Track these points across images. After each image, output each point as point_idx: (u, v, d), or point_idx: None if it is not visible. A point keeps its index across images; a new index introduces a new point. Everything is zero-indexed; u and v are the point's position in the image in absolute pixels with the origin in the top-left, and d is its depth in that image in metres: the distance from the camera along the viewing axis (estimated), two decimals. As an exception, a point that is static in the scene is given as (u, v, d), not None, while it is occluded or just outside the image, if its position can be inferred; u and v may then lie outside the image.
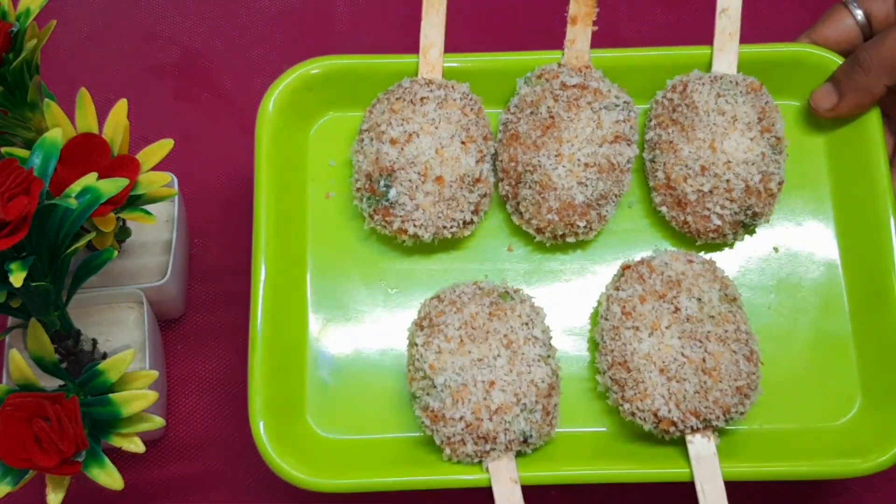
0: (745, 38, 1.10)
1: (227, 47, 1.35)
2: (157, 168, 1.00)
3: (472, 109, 1.07)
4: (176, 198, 1.13)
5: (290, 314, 1.06)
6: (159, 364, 1.11)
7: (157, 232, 1.14)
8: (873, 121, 1.09)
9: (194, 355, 1.19)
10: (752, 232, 1.10)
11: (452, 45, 1.10)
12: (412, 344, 1.02)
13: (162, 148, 1.00)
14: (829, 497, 1.14)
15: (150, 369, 0.99)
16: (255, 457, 1.00)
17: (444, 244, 1.09)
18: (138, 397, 0.93)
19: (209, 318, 1.20)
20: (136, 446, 0.94)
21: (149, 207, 1.00)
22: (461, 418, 0.97)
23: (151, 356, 1.07)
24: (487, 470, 0.98)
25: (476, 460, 0.99)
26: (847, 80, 1.07)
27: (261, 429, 0.98)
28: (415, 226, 1.04)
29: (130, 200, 0.98)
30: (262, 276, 1.03)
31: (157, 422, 0.95)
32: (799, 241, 1.11)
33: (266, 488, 1.14)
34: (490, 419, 0.97)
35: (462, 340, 0.99)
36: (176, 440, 1.16)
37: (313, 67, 1.09)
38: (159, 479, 1.14)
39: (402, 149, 1.04)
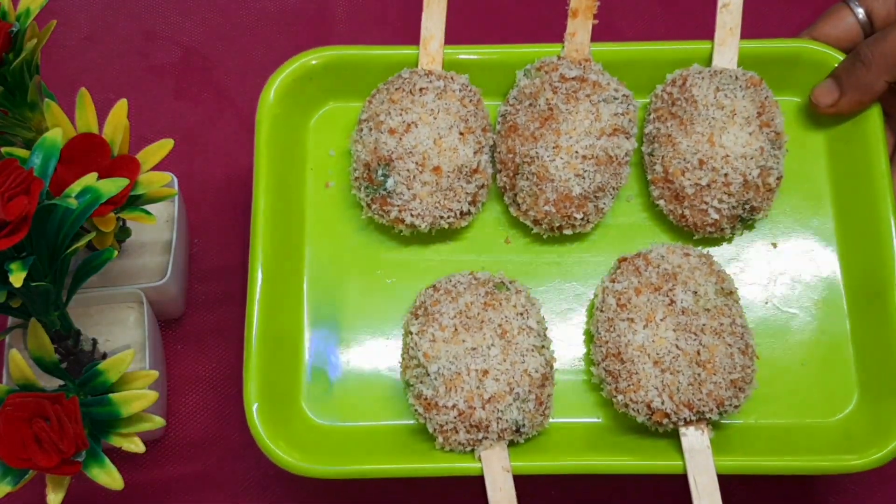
0: (746, 33, 1.10)
1: (228, 47, 1.35)
2: (157, 168, 1.00)
3: (471, 101, 1.08)
4: (176, 198, 1.13)
5: (287, 302, 1.06)
6: (159, 364, 1.11)
7: (157, 232, 1.15)
8: (874, 118, 1.09)
9: (194, 355, 1.19)
10: (750, 227, 1.10)
11: (453, 37, 1.10)
12: (407, 332, 1.03)
13: (162, 148, 1.00)
14: (825, 496, 1.13)
15: (150, 369, 0.99)
16: (254, 457, 1.00)
17: (442, 235, 1.10)
18: (138, 397, 0.93)
19: (209, 318, 1.20)
20: (136, 446, 0.93)
21: (149, 207, 1.00)
22: (454, 406, 0.97)
23: (151, 356, 1.07)
24: (479, 459, 0.98)
25: (468, 449, 0.99)
26: (848, 76, 1.07)
27: (254, 412, 0.99)
28: (412, 215, 1.04)
29: (130, 200, 0.98)
30: (260, 264, 1.03)
31: (157, 422, 0.95)
32: (798, 238, 1.10)
33: (266, 489, 1.13)
34: (483, 408, 0.97)
35: (456, 329, 0.99)
36: (176, 440, 1.16)
37: (313, 58, 1.10)
38: (159, 479, 1.14)
39: (400, 139, 1.04)
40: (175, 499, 1.13)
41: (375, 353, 1.07)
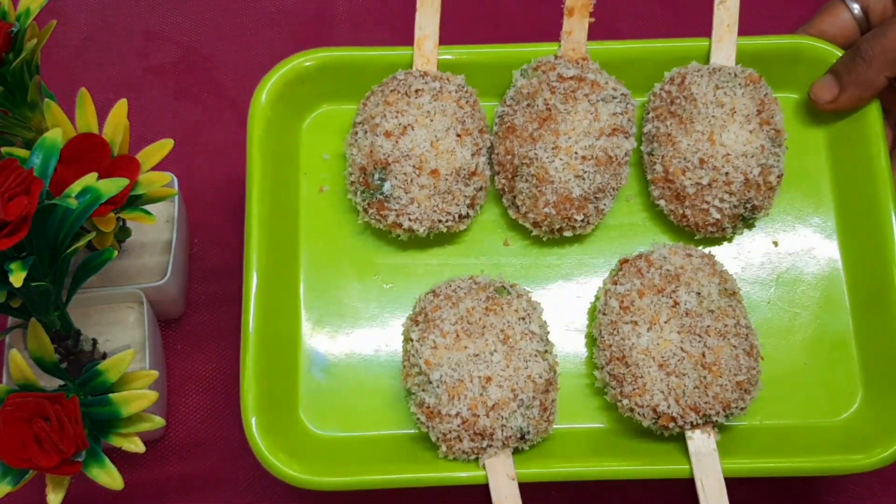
0: (743, 30, 1.09)
1: (228, 47, 1.35)
2: (157, 168, 0.99)
3: (467, 102, 1.06)
4: (176, 198, 1.12)
5: (283, 310, 1.05)
6: (159, 364, 1.11)
7: (157, 232, 1.14)
8: (873, 114, 1.08)
9: (194, 355, 1.19)
10: (751, 226, 1.09)
11: (447, 37, 1.09)
12: (407, 339, 1.01)
13: (162, 148, 1.00)
14: (825, 496, 1.13)
15: (150, 369, 0.98)
16: (255, 457, 0.99)
17: (440, 238, 1.08)
18: (138, 397, 0.92)
19: (209, 318, 1.20)
20: (136, 446, 0.93)
21: (149, 207, 1.00)
22: (457, 414, 0.96)
23: (151, 356, 1.07)
24: (484, 467, 0.97)
25: (472, 457, 0.98)
26: (848, 72, 1.07)
27: (253, 425, 0.97)
28: (409, 220, 1.03)
29: (130, 200, 0.98)
30: (255, 271, 1.02)
31: (157, 422, 0.94)
32: (799, 236, 1.10)
33: (266, 488, 1.13)
34: (486, 415, 0.96)
35: (458, 335, 0.98)
36: (176, 440, 1.15)
37: (306, 60, 1.09)
38: (159, 478, 1.13)
39: (396, 141, 1.03)
40: (175, 499, 1.13)
41: (375, 361, 1.05)
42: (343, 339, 1.06)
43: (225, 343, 1.18)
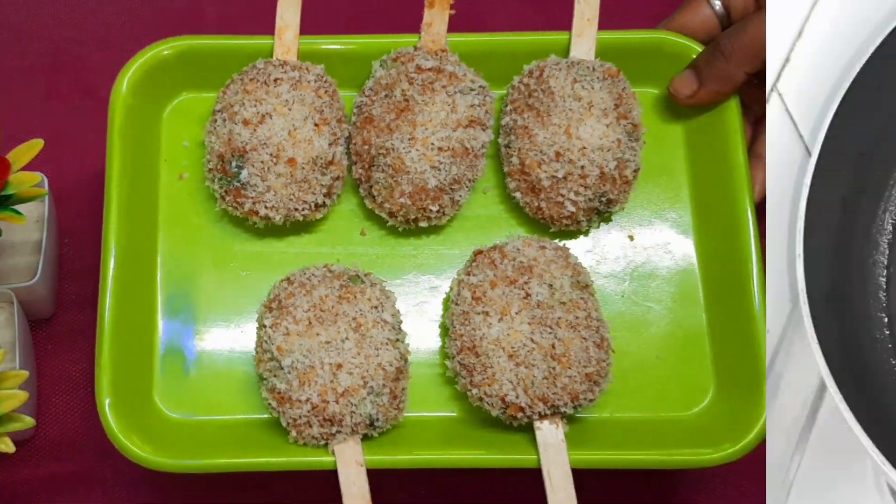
0: (604, 24, 1.10)
1: (99, 47, 1.34)
2: (26, 168, 0.99)
3: (326, 91, 1.06)
4: (46, 198, 1.12)
5: (140, 295, 1.05)
6: (29, 364, 1.10)
7: (26, 232, 1.14)
8: (732, 110, 1.09)
9: (65, 354, 1.18)
10: (607, 220, 1.10)
11: (309, 27, 1.09)
12: (261, 325, 1.01)
13: (32, 148, 1.00)
14: (684, 490, 1.14)
15: (20, 369, 0.99)
16: (123, 456, 0.99)
17: (296, 227, 1.08)
18: (8, 397, 0.92)
19: (79, 318, 1.19)
20: (5, 446, 0.93)
21: (19, 207, 1.00)
22: (307, 400, 0.96)
23: (22, 356, 1.07)
24: (333, 453, 0.98)
25: (322, 443, 0.98)
26: (707, 67, 1.07)
27: (106, 406, 0.97)
28: (266, 207, 1.03)
29: (0, 201, 0.97)
30: (112, 257, 1.02)
31: (27, 421, 0.95)
32: (655, 230, 1.10)
33: (135, 486, 1.13)
34: (336, 402, 0.96)
35: (310, 323, 0.98)
36: (46, 440, 1.15)
37: (165, 48, 1.09)
38: (29, 478, 1.13)
39: (254, 130, 1.03)
40: (45, 498, 1.13)
41: (230, 347, 1.06)
42: (198, 325, 1.06)
43: (95, 343, 1.16)
